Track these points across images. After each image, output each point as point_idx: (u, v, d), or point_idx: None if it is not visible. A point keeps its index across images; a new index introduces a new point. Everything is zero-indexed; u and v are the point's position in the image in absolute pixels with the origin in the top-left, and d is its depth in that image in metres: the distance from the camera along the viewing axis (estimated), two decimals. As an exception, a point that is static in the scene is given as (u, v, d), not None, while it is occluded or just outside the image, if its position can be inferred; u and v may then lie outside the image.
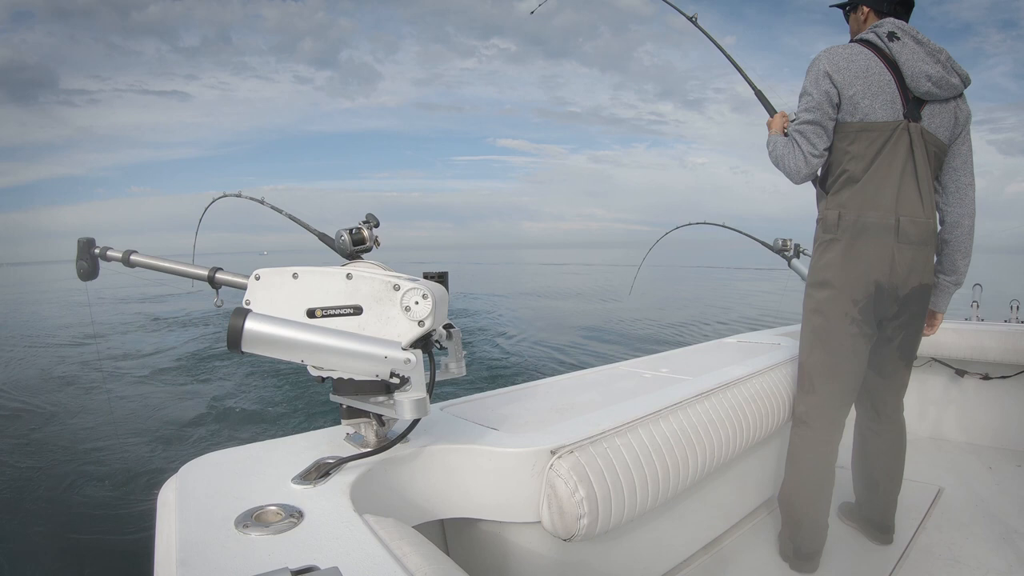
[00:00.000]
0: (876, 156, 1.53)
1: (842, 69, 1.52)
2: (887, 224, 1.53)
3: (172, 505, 0.91)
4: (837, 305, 1.59)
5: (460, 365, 1.19)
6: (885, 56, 1.53)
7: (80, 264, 1.20)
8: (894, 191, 1.53)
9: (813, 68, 1.57)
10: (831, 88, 1.53)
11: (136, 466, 4.30)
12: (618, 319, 12.51)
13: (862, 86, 1.51)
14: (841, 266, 1.58)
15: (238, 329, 0.91)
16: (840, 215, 1.57)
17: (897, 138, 1.52)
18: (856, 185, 1.56)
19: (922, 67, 1.50)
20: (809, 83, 1.57)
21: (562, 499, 1.13)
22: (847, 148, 1.56)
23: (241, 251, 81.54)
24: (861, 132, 1.53)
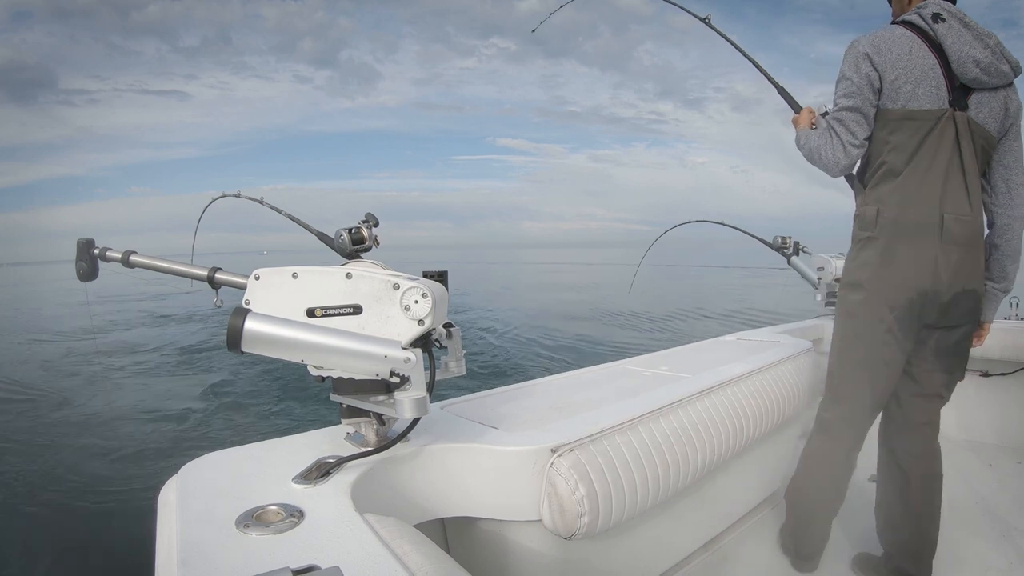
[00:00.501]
0: (919, 147, 1.40)
1: (883, 51, 1.40)
2: (930, 222, 1.40)
3: (173, 505, 0.91)
4: (871, 309, 1.47)
5: (460, 364, 1.19)
6: (929, 39, 1.40)
7: (80, 265, 1.20)
8: (939, 186, 1.40)
9: (852, 51, 1.45)
10: (872, 71, 1.41)
11: (136, 466, 4.30)
12: (618, 317, 12.51)
13: (904, 70, 1.39)
14: (878, 267, 1.45)
15: (238, 329, 0.91)
16: (879, 211, 1.45)
17: (942, 128, 1.39)
18: (897, 179, 1.43)
19: (969, 52, 1.37)
20: (847, 67, 1.45)
21: (563, 497, 1.13)
22: (887, 138, 1.44)
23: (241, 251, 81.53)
24: (903, 120, 1.41)
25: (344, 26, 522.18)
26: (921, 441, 1.65)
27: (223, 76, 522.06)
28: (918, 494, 1.63)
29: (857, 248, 1.52)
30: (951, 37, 1.39)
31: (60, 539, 3.37)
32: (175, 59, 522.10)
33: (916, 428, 1.64)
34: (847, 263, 1.56)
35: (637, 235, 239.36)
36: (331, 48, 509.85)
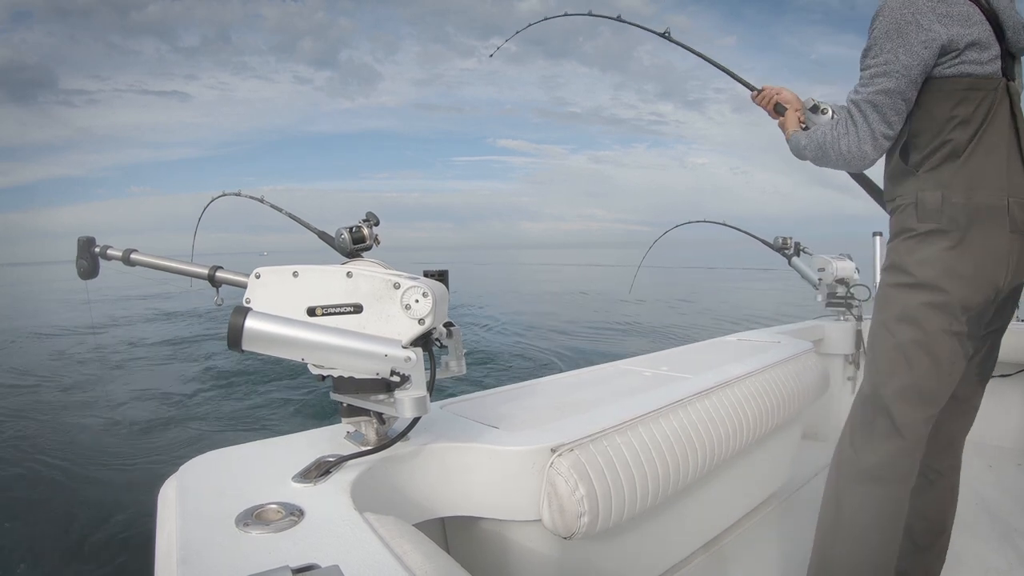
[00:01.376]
0: (984, 121, 1.20)
1: (938, 9, 1.17)
2: (1000, 207, 1.20)
3: (172, 503, 0.91)
4: (940, 315, 1.22)
5: (460, 363, 1.19)
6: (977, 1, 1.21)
7: (80, 263, 1.20)
8: (1004, 166, 1.21)
9: (892, 13, 1.19)
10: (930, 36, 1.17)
11: (136, 464, 4.31)
12: (617, 318, 12.51)
13: (969, 29, 1.18)
14: (949, 264, 1.21)
15: (238, 327, 0.91)
16: (944, 197, 1.21)
17: (1000, 100, 1.21)
18: (959, 159, 1.21)
19: (1018, 17, 1.22)
20: (886, 32, 1.19)
21: (562, 497, 1.13)
22: (951, 111, 1.21)
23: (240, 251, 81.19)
24: (970, 91, 1.20)
25: (344, 26, 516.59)
26: (949, 457, 1.47)
27: (223, 76, 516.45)
28: (940, 508, 1.49)
29: (915, 243, 1.25)
30: (1000, 1, 1.21)
31: (60, 537, 3.37)
32: (175, 59, 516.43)
33: (945, 446, 1.45)
34: (899, 260, 1.28)
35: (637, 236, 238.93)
36: (331, 48, 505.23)
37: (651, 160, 59.86)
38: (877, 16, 1.22)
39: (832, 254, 3.14)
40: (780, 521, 2.07)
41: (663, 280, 21.51)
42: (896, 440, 1.27)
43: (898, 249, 1.29)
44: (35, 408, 6.09)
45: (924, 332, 1.24)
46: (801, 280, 3.22)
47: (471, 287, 21.43)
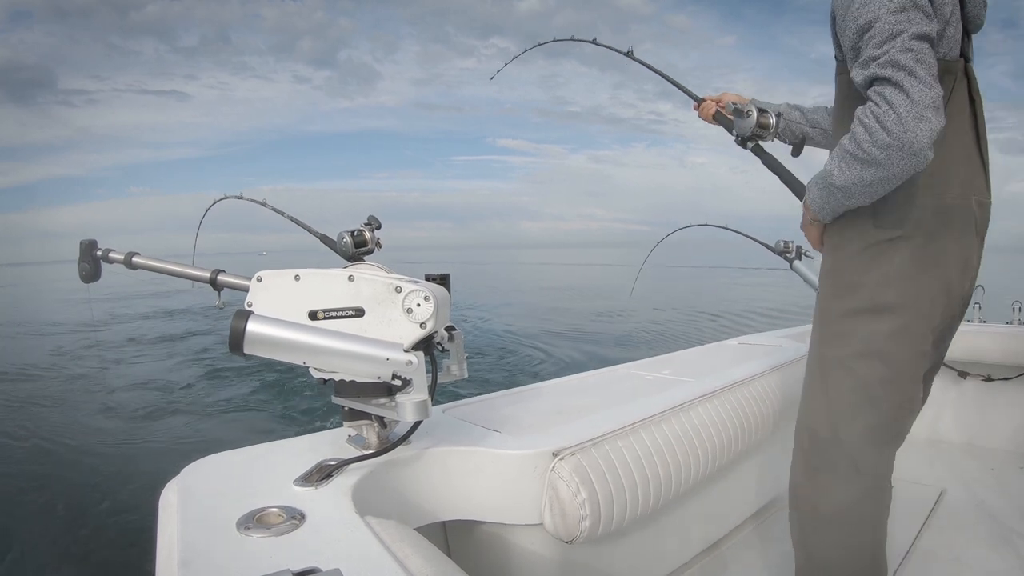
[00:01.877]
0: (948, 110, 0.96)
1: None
2: (967, 207, 1.03)
3: (173, 507, 0.91)
4: (908, 341, 1.04)
5: (462, 367, 1.19)
6: None
7: (82, 266, 1.20)
8: (964, 160, 1.03)
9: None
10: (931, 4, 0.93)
11: (137, 467, 4.30)
12: (619, 320, 12.50)
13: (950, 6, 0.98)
14: (916, 279, 1.02)
15: (240, 331, 0.92)
16: (911, 198, 0.99)
17: (959, 83, 1.02)
18: None
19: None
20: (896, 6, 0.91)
21: (564, 501, 1.13)
22: None
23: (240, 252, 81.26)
24: (944, 74, 0.96)
25: (344, 26, 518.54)
26: None
27: (222, 76, 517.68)
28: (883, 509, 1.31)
29: (874, 254, 1.04)
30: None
31: (60, 540, 3.37)
32: (174, 59, 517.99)
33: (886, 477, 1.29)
34: (854, 279, 1.07)
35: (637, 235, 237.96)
36: (330, 48, 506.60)
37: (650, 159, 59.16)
38: None
39: None
40: (782, 526, 2.06)
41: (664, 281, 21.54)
42: (862, 481, 1.12)
43: (850, 265, 1.07)
44: (35, 409, 6.10)
45: (891, 368, 1.05)
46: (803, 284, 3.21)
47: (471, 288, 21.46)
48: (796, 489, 1.20)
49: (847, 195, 1.00)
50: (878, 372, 1.05)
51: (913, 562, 1.77)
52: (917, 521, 2.02)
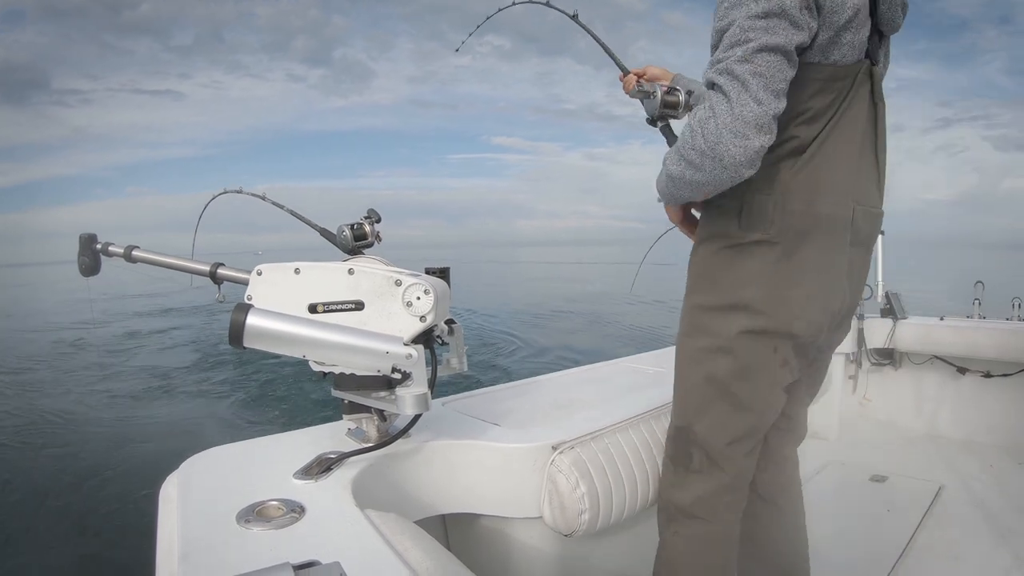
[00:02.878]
0: (835, 115, 0.97)
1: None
2: (844, 217, 1.00)
3: (174, 500, 0.91)
4: (761, 342, 1.02)
5: (462, 361, 1.19)
6: None
7: (82, 260, 1.20)
8: (853, 167, 1.00)
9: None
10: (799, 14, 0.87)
11: (137, 461, 4.31)
12: (619, 315, 12.50)
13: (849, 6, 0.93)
14: (775, 283, 1.00)
15: (240, 324, 0.91)
16: (776, 203, 0.97)
17: (858, 87, 0.98)
18: (800, 158, 0.97)
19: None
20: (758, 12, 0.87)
21: (563, 495, 1.13)
22: (802, 105, 0.96)
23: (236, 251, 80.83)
24: (831, 81, 0.96)
25: (338, 24, 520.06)
26: (784, 474, 1.33)
27: (217, 75, 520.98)
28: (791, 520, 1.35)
29: (734, 254, 1.02)
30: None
31: (60, 533, 3.38)
32: (168, 58, 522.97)
33: (780, 462, 1.30)
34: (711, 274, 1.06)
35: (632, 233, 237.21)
36: (325, 46, 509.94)
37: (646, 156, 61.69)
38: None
39: None
40: None
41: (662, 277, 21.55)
42: (715, 475, 1.10)
43: (712, 261, 1.05)
44: (35, 405, 6.10)
45: (741, 364, 1.03)
46: None
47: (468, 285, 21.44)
48: (661, 488, 1.19)
49: (676, 187, 0.99)
50: (727, 366, 1.04)
51: (911, 557, 1.78)
52: (915, 516, 2.02)
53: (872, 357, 3.07)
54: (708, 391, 1.07)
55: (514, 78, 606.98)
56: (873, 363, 3.08)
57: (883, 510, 2.12)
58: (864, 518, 2.07)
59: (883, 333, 3.01)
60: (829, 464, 2.57)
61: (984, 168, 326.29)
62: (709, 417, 1.08)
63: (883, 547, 1.84)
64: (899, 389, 2.98)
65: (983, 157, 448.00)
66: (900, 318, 2.91)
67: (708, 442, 1.08)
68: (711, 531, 1.11)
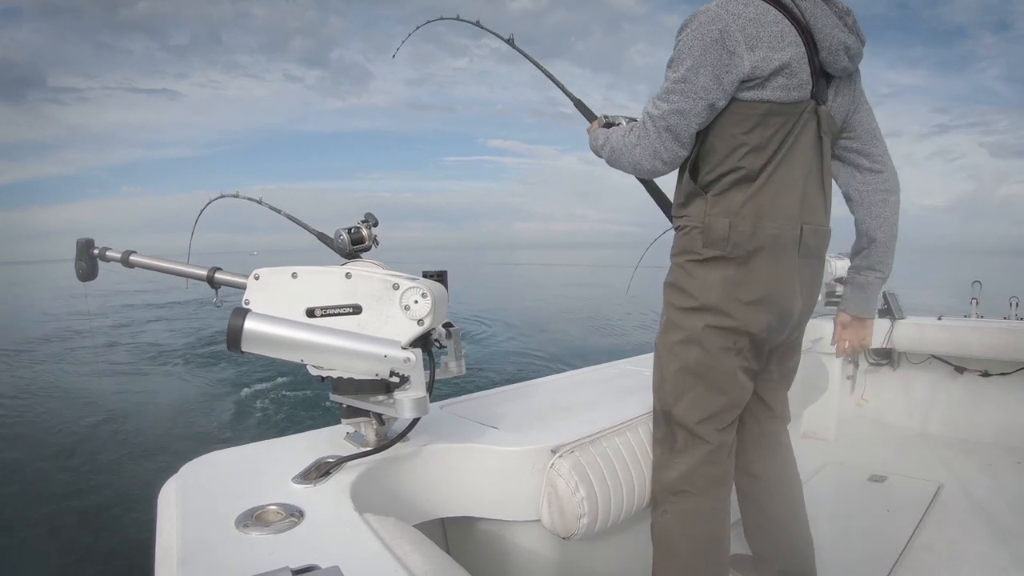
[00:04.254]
0: (780, 147, 1.15)
1: (750, 32, 1.10)
2: (791, 236, 1.19)
3: (173, 504, 0.91)
4: (722, 337, 1.21)
5: (460, 364, 1.19)
6: (794, 17, 1.14)
7: (79, 264, 1.20)
8: (799, 193, 1.18)
9: (700, 28, 1.11)
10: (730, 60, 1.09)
11: (137, 465, 4.30)
12: (616, 318, 12.51)
13: (775, 54, 1.11)
14: (730, 290, 1.19)
15: (237, 329, 0.91)
16: (731, 225, 1.17)
17: (804, 124, 1.16)
18: (751, 186, 1.16)
19: (839, 36, 1.15)
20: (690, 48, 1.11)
21: (562, 498, 1.13)
22: (744, 137, 1.15)
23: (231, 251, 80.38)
24: (768, 116, 1.13)
25: (335, 25, 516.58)
26: (777, 454, 1.49)
27: (213, 75, 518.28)
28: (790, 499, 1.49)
29: (697, 266, 1.22)
30: (818, 18, 1.14)
31: (60, 538, 3.37)
32: (165, 57, 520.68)
33: (773, 447, 1.48)
34: (679, 281, 1.26)
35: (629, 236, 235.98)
36: (322, 48, 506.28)
37: None
38: (685, 26, 1.14)
39: (831, 253, 3.14)
40: None
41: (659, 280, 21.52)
42: (697, 450, 1.26)
43: (682, 270, 1.26)
44: (33, 407, 6.08)
45: (708, 353, 1.22)
46: None
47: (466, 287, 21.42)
48: (653, 474, 1.34)
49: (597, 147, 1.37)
50: (696, 355, 1.23)
51: (910, 556, 1.78)
52: (915, 516, 2.03)
53: (870, 357, 3.08)
54: (683, 378, 1.26)
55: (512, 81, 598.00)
56: (871, 363, 3.08)
57: (882, 510, 2.12)
58: (863, 518, 2.07)
59: (881, 333, 3.01)
60: (828, 464, 2.57)
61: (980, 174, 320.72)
62: (686, 400, 1.26)
63: (882, 547, 1.84)
64: (897, 389, 2.99)
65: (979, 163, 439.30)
66: (898, 318, 2.92)
67: (685, 421, 1.26)
68: (699, 504, 1.27)
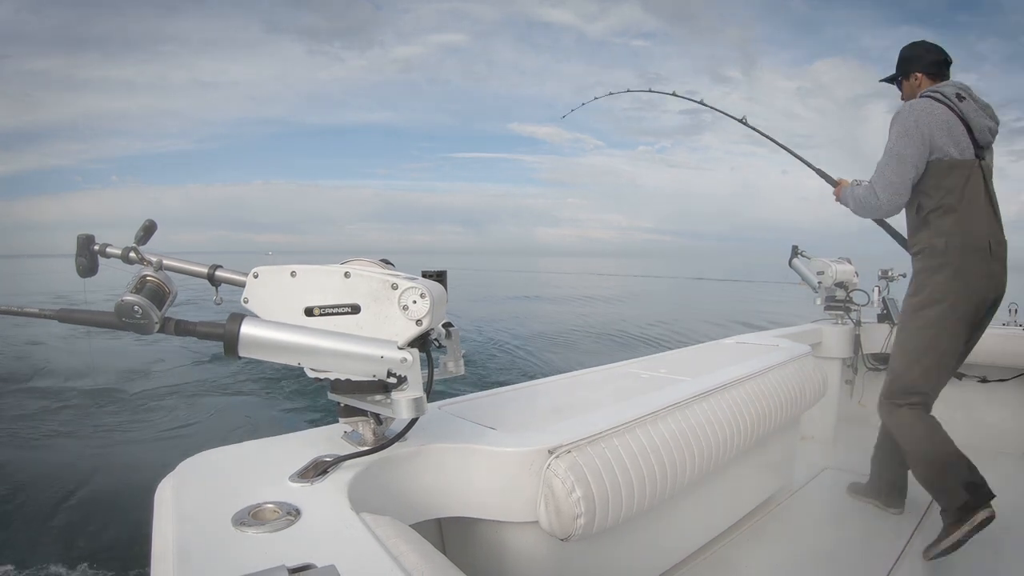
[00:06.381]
0: (964, 187, 1.84)
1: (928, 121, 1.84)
2: (983, 246, 1.85)
3: (169, 502, 0.91)
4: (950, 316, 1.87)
5: (459, 364, 1.19)
6: (954, 111, 1.85)
7: (79, 260, 1.20)
8: (983, 217, 1.85)
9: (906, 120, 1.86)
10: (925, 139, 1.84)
11: (133, 463, 4.30)
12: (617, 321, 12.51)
13: (946, 132, 1.84)
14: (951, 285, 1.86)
15: (234, 334, 0.91)
16: (947, 243, 1.85)
17: (975, 172, 1.85)
18: (955, 214, 1.85)
19: (984, 123, 1.87)
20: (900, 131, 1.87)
21: (559, 499, 1.13)
22: (943, 181, 1.85)
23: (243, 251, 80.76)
24: (952, 168, 1.84)
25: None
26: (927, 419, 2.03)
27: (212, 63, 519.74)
28: None
29: (929, 273, 1.91)
30: (970, 112, 1.86)
31: (56, 536, 3.37)
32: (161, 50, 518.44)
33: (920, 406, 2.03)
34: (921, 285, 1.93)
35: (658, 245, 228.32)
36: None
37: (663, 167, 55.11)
38: (895, 119, 1.90)
39: (832, 257, 3.14)
40: (779, 524, 2.07)
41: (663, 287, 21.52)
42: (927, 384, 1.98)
43: (920, 277, 1.94)
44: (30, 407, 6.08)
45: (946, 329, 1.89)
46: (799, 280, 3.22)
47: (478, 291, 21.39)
48: None
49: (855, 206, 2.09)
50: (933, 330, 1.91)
51: (907, 562, 1.78)
52: (913, 521, 2.03)
53: (868, 362, 3.08)
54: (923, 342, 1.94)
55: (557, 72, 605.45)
56: (869, 368, 3.08)
57: (878, 516, 2.12)
58: (860, 522, 2.07)
59: (880, 338, 3.01)
60: (826, 468, 2.58)
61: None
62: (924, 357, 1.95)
63: (879, 552, 1.84)
64: None
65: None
66: (897, 323, 2.92)
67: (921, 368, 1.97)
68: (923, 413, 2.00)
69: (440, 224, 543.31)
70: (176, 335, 0.98)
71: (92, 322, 0.98)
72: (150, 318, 0.92)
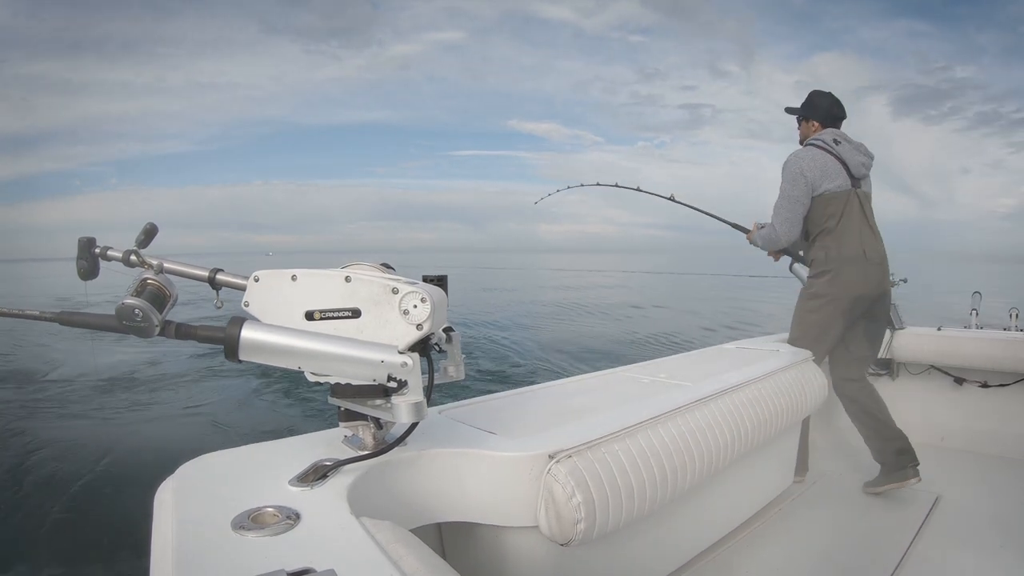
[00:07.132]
0: (842, 212, 2.31)
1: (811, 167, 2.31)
2: (859, 254, 2.31)
3: (169, 506, 0.91)
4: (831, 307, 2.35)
5: (459, 369, 1.19)
6: (831, 153, 2.32)
7: (80, 263, 1.20)
8: (857, 232, 2.31)
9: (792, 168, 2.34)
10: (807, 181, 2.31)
11: (133, 466, 4.29)
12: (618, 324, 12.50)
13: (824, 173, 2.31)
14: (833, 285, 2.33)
15: (234, 338, 0.91)
16: (827, 254, 2.34)
17: (851, 199, 2.32)
18: (833, 233, 2.33)
19: (858, 159, 2.36)
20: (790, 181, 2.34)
21: (559, 504, 1.13)
22: (825, 210, 2.32)
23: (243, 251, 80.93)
24: (831, 199, 2.31)
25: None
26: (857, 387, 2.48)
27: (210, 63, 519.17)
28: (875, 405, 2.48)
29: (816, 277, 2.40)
30: (846, 154, 2.34)
31: (54, 539, 3.36)
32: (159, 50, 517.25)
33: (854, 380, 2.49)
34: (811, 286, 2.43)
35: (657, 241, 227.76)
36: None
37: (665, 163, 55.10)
38: (785, 167, 2.37)
39: None
40: (780, 529, 2.06)
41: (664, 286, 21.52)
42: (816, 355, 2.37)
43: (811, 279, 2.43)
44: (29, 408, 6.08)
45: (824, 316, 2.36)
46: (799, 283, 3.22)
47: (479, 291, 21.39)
48: None
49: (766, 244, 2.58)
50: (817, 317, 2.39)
51: (908, 567, 1.78)
52: (912, 527, 2.02)
53: (869, 367, 3.07)
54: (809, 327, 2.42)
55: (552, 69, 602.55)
56: (870, 373, 3.08)
57: (880, 520, 2.12)
58: (861, 528, 2.07)
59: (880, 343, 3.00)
60: (826, 473, 2.57)
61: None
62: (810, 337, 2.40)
63: (880, 558, 1.83)
64: (896, 399, 2.98)
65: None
66: (897, 328, 2.92)
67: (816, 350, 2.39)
68: None
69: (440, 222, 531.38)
70: (176, 339, 0.98)
71: (93, 325, 0.98)
72: (150, 321, 0.93)
